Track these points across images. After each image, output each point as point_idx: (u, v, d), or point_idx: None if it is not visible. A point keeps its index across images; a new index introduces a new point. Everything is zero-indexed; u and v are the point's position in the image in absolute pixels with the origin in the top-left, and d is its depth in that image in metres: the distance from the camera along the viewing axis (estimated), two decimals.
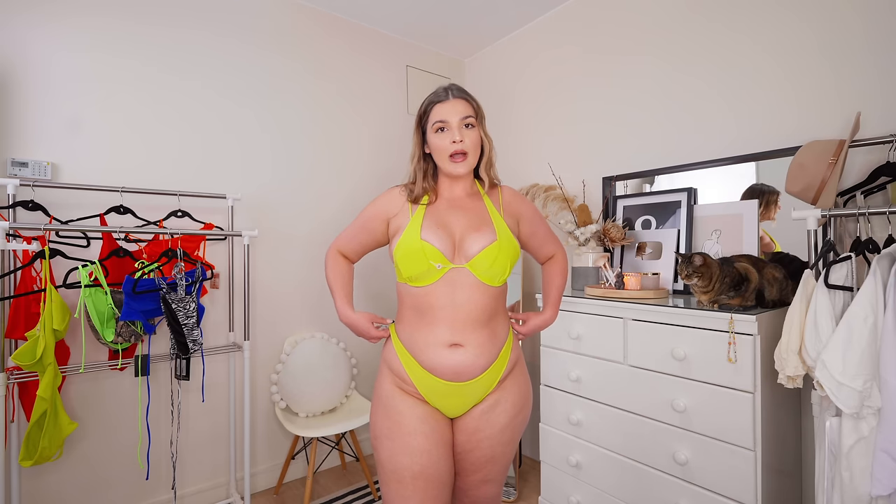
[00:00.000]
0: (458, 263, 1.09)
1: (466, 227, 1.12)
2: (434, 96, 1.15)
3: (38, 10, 1.72)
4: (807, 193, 1.41)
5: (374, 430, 1.13)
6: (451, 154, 1.12)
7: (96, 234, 1.75)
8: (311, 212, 2.40)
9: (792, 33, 1.62)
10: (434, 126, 1.13)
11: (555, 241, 1.32)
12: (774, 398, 1.37)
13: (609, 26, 2.19)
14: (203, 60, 2.08)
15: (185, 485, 2.03)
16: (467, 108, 1.13)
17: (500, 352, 1.13)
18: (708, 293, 1.44)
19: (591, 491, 1.70)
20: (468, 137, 1.12)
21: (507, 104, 2.70)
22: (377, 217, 1.20)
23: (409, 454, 1.05)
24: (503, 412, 1.13)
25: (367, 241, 1.24)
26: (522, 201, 1.26)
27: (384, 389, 1.14)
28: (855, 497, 1.15)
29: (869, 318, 1.12)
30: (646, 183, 2.06)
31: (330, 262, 1.26)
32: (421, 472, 1.05)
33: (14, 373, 1.54)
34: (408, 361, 1.11)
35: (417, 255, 1.07)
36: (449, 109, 1.12)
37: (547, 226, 1.31)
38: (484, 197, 1.20)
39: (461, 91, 1.15)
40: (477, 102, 1.17)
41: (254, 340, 2.20)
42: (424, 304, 1.09)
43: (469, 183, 1.21)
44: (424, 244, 1.07)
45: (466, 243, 1.10)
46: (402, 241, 1.10)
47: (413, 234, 1.09)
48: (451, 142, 1.11)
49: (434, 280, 1.08)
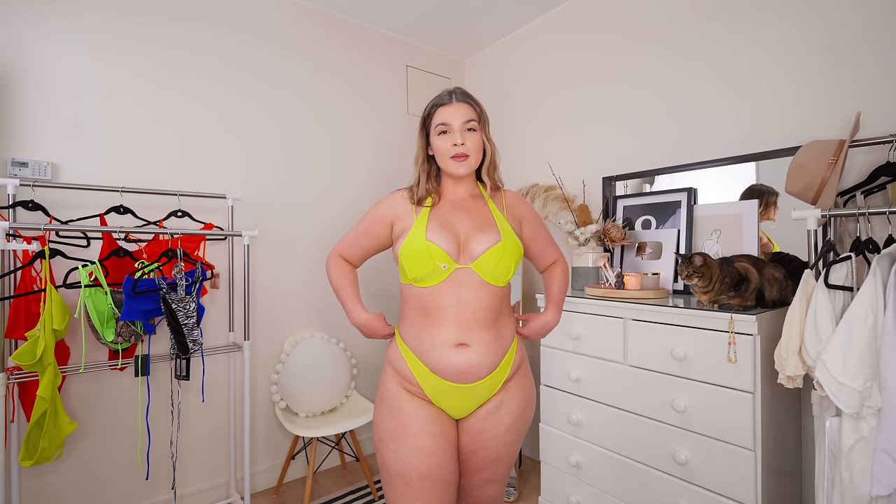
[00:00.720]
0: (463, 263, 1.09)
1: (471, 227, 1.13)
2: (438, 99, 1.17)
3: (38, 10, 1.72)
4: (807, 193, 1.41)
5: (378, 432, 1.13)
6: (452, 156, 1.13)
7: (96, 234, 1.75)
8: (312, 211, 2.40)
9: (793, 32, 1.62)
10: (437, 128, 1.14)
11: (555, 247, 1.33)
12: (774, 398, 1.37)
13: (609, 26, 2.19)
14: (203, 60, 2.08)
15: (185, 485, 2.03)
16: (470, 112, 1.14)
17: (506, 353, 1.13)
18: (708, 293, 1.44)
19: (591, 491, 1.70)
20: (469, 140, 1.13)
21: (507, 104, 2.70)
22: (381, 220, 1.20)
23: (417, 455, 1.05)
24: (508, 413, 1.13)
25: (371, 246, 1.23)
26: (525, 205, 1.27)
27: (389, 391, 1.13)
28: (855, 497, 1.15)
29: (869, 318, 1.12)
30: (646, 183, 2.06)
31: (333, 266, 1.25)
32: (428, 473, 1.05)
33: (14, 373, 1.54)
34: (413, 363, 1.11)
35: (423, 255, 1.07)
36: (452, 113, 1.13)
37: (548, 231, 1.31)
38: (487, 199, 1.21)
39: (465, 95, 1.16)
40: (480, 107, 1.18)
41: (254, 340, 2.20)
42: (430, 305, 1.09)
43: (472, 184, 1.22)
44: (430, 245, 1.08)
45: (471, 244, 1.11)
46: (408, 241, 1.10)
47: (419, 234, 1.10)
48: (453, 144, 1.12)
49: (439, 280, 1.08)
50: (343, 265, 1.25)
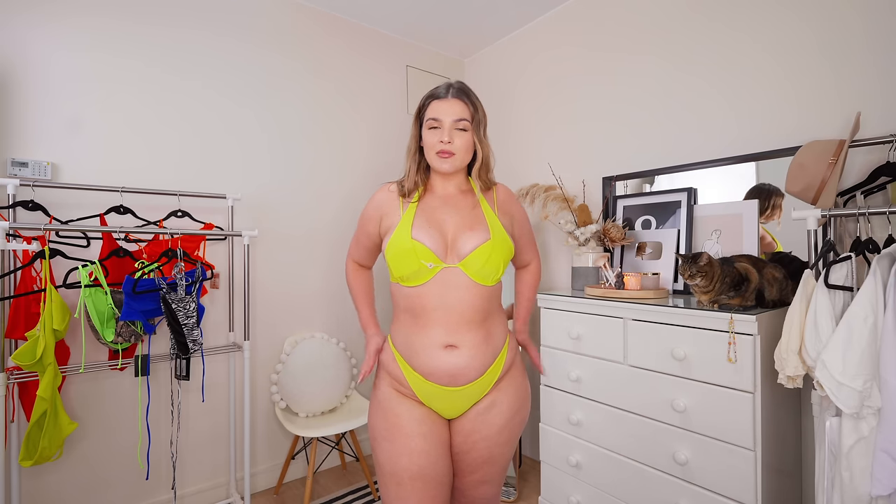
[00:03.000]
0: (450, 263, 1.08)
1: (459, 224, 1.11)
2: (434, 91, 1.14)
3: (38, 10, 1.72)
4: (807, 193, 1.41)
5: (372, 433, 1.13)
6: (437, 151, 1.11)
7: (96, 234, 1.75)
8: (312, 212, 2.40)
9: (792, 33, 1.62)
10: (428, 122, 1.12)
11: (535, 248, 1.35)
12: (774, 398, 1.37)
13: (609, 26, 2.19)
14: (203, 60, 2.08)
15: (185, 485, 2.03)
16: (463, 111, 1.11)
17: (497, 354, 1.12)
18: (708, 293, 1.44)
19: (591, 491, 1.70)
20: (458, 139, 1.11)
21: (507, 104, 2.70)
22: (372, 218, 1.19)
23: (408, 455, 1.05)
24: (499, 413, 1.12)
25: (371, 245, 1.23)
26: (516, 202, 1.26)
27: (382, 392, 1.14)
28: (855, 497, 1.15)
29: (869, 318, 1.12)
30: (646, 183, 2.06)
31: (349, 274, 1.29)
32: (419, 473, 1.05)
33: (14, 373, 1.54)
34: (404, 366, 1.11)
35: (408, 254, 1.06)
36: (444, 109, 1.11)
37: (532, 232, 1.32)
38: (478, 194, 1.18)
39: (461, 92, 1.13)
40: (476, 106, 1.14)
41: (254, 340, 2.20)
42: (417, 305, 1.08)
43: (462, 180, 1.20)
44: (415, 244, 1.06)
45: (459, 242, 1.09)
46: (393, 240, 1.09)
47: (404, 233, 1.08)
48: (440, 141, 1.10)
49: (426, 280, 1.06)
50: (358, 273, 1.29)
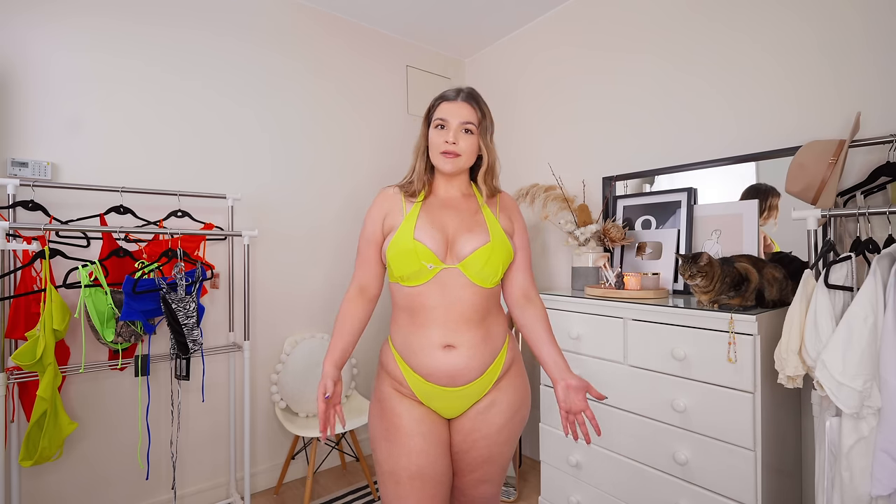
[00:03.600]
0: (450, 264, 1.08)
1: (459, 226, 1.12)
2: (445, 93, 1.16)
3: (38, 10, 1.72)
4: (807, 193, 1.40)
5: (372, 432, 1.14)
6: (441, 151, 1.12)
7: (96, 234, 1.75)
8: (312, 212, 2.40)
9: (792, 32, 1.62)
10: (435, 122, 1.14)
11: (531, 274, 1.22)
12: (774, 398, 1.37)
13: (609, 26, 2.19)
14: (203, 60, 2.08)
15: (185, 485, 2.03)
16: (471, 114, 1.13)
17: (497, 354, 1.12)
18: (708, 293, 1.44)
19: (591, 491, 1.70)
20: (463, 141, 1.12)
21: (507, 104, 2.70)
22: (376, 221, 1.17)
23: (407, 455, 1.06)
24: (499, 413, 1.12)
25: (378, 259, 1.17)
26: (519, 213, 1.25)
27: (381, 392, 1.14)
28: (855, 497, 1.15)
29: (869, 318, 1.12)
30: (646, 183, 2.06)
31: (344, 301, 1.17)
32: (418, 473, 1.05)
33: (14, 373, 1.54)
34: (403, 366, 1.11)
35: (410, 255, 1.06)
36: (453, 110, 1.13)
37: (529, 252, 1.24)
38: (480, 199, 1.19)
39: (471, 96, 1.15)
40: (485, 112, 1.16)
41: (254, 340, 2.20)
42: (416, 305, 1.09)
43: (465, 184, 1.21)
44: (417, 244, 1.07)
45: (459, 244, 1.10)
46: (395, 240, 1.09)
47: (406, 233, 1.09)
48: (445, 141, 1.11)
49: (426, 280, 1.07)
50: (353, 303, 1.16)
